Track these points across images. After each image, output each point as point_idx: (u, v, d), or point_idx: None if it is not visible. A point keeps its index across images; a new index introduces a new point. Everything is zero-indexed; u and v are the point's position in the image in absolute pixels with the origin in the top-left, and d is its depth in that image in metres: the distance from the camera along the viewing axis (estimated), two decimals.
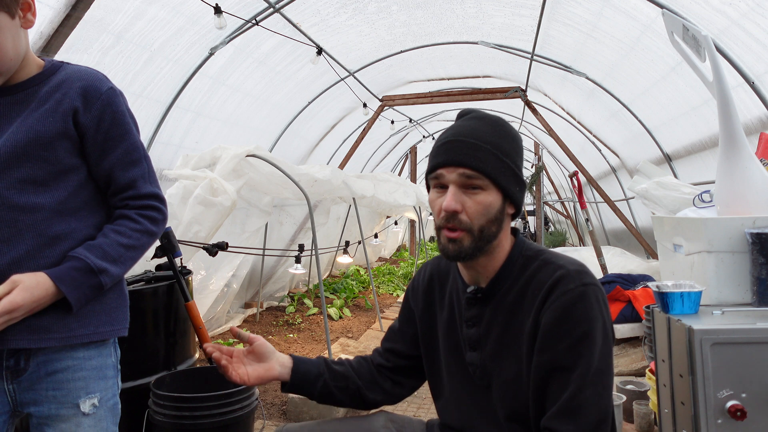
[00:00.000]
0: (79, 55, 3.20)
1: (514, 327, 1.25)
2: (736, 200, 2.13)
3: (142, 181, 1.32)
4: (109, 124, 1.28)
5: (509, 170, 1.23)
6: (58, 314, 1.23)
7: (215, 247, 3.32)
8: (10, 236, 1.20)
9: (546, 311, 1.18)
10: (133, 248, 1.29)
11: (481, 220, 1.22)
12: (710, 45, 2.09)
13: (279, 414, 3.38)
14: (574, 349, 1.15)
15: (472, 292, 1.31)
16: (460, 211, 1.21)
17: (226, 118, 5.09)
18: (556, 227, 16.31)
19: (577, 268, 1.21)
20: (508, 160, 1.23)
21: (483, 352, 1.30)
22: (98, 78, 1.29)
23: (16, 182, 1.21)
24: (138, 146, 1.33)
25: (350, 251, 6.86)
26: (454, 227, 1.22)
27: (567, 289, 1.17)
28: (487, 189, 1.22)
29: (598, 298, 1.18)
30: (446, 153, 1.24)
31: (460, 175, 1.21)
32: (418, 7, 5.00)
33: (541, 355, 1.18)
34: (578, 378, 1.13)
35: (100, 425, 1.30)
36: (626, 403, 2.84)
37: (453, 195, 1.21)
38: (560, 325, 1.16)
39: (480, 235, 1.22)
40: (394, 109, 8.04)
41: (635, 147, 6.04)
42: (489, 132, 1.24)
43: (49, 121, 1.22)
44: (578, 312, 1.16)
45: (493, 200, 1.22)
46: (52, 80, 1.27)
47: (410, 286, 1.53)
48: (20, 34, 1.22)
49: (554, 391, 1.15)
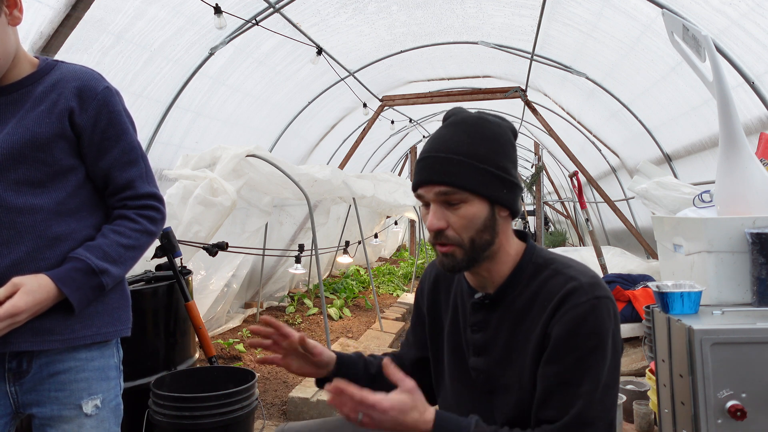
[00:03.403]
0: (79, 55, 3.20)
1: (520, 335, 1.24)
2: (736, 200, 2.13)
3: (140, 180, 1.32)
4: (105, 123, 1.27)
5: (488, 176, 1.19)
6: (60, 316, 1.22)
7: (215, 247, 3.32)
8: (10, 238, 1.19)
9: (556, 323, 1.16)
10: (133, 248, 1.29)
11: (469, 232, 1.20)
12: (710, 45, 2.09)
13: (279, 414, 3.38)
14: (584, 363, 1.13)
15: (479, 299, 1.30)
16: (445, 227, 1.20)
17: (226, 118, 5.09)
18: (556, 227, 16.31)
19: (590, 281, 1.18)
20: (486, 165, 1.19)
21: (488, 358, 1.29)
22: (94, 77, 1.28)
23: (13, 184, 1.20)
24: (135, 146, 1.32)
25: (350, 251, 6.85)
26: (444, 243, 1.21)
27: (579, 302, 1.15)
28: (468, 201, 1.19)
29: (610, 312, 1.17)
30: (422, 171, 1.22)
31: (437, 194, 1.19)
32: (418, 7, 5.00)
33: (548, 366, 1.16)
34: (586, 394, 1.12)
35: (102, 426, 1.29)
36: (626, 403, 2.84)
37: (434, 213, 1.20)
38: (570, 338, 1.14)
39: (471, 246, 1.21)
40: (394, 109, 8.04)
41: (635, 147, 6.04)
42: (462, 141, 1.20)
43: (45, 123, 1.21)
44: (589, 326, 1.14)
45: (476, 211, 1.19)
46: (46, 80, 1.25)
47: (418, 288, 1.53)
48: (8, 32, 1.19)
49: (561, 405, 1.14)
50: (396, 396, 1.12)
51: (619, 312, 4.31)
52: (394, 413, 1.10)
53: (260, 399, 3.18)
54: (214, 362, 2.94)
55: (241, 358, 4.29)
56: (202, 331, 2.92)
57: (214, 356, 2.96)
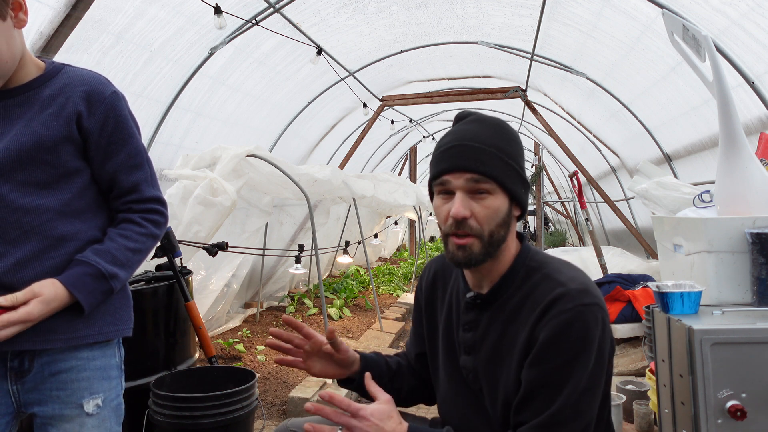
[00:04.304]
0: (79, 55, 3.20)
1: (508, 336, 1.25)
2: (736, 200, 2.13)
3: (145, 184, 1.34)
4: (112, 128, 1.28)
5: (514, 172, 1.22)
6: (64, 317, 1.23)
7: (215, 247, 3.32)
8: (16, 238, 1.21)
9: (543, 328, 1.17)
10: (139, 252, 1.31)
11: (491, 224, 1.21)
12: (710, 45, 2.09)
13: (279, 414, 3.38)
14: (564, 369, 1.14)
15: (471, 298, 1.31)
16: (470, 216, 1.19)
17: (226, 118, 5.09)
18: (556, 227, 16.32)
19: (579, 287, 1.18)
20: (512, 162, 1.22)
21: (477, 357, 1.30)
22: (101, 82, 1.30)
23: (20, 185, 1.21)
24: (141, 150, 1.34)
25: (350, 251, 6.86)
26: (465, 233, 1.20)
27: (565, 308, 1.15)
28: (494, 193, 1.20)
29: (597, 319, 1.16)
30: (451, 158, 1.21)
31: (467, 181, 1.19)
32: (418, 7, 5.00)
33: (530, 369, 1.17)
34: (563, 398, 1.13)
35: (103, 425, 1.30)
36: (626, 403, 2.84)
37: (461, 201, 1.19)
38: (555, 343, 1.15)
39: (490, 240, 1.21)
40: (394, 109, 8.04)
41: (635, 147, 6.04)
42: (491, 135, 1.23)
43: (53, 125, 1.23)
44: (574, 332, 1.14)
45: (500, 204, 1.21)
46: (53, 83, 1.26)
47: (417, 285, 1.55)
48: (14, 36, 1.20)
49: (537, 406, 1.15)
50: (376, 405, 1.19)
51: (620, 312, 4.30)
52: (375, 419, 1.16)
53: (260, 399, 3.18)
54: (214, 362, 2.95)
55: (241, 358, 4.29)
56: (202, 331, 2.92)
57: (214, 356, 2.96)
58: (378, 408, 1.18)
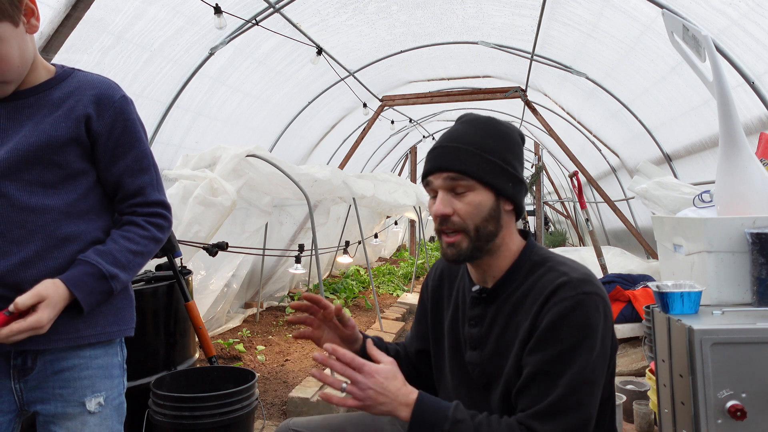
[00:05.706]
0: (79, 55, 3.20)
1: (512, 328, 1.26)
2: (736, 200, 2.13)
3: (150, 188, 1.36)
4: (120, 131, 1.30)
5: (496, 167, 1.24)
6: (66, 316, 1.24)
7: (215, 247, 3.32)
8: (21, 237, 1.22)
9: (544, 316, 1.18)
10: (140, 254, 1.32)
11: (475, 219, 1.23)
12: (710, 45, 2.09)
13: (279, 414, 3.38)
14: (566, 355, 1.14)
15: (476, 292, 1.32)
16: (450, 214, 1.24)
17: (226, 118, 5.09)
18: (556, 227, 16.32)
19: (580, 276, 1.20)
20: (494, 157, 1.24)
21: (482, 352, 1.31)
22: (111, 86, 1.32)
23: (27, 184, 1.23)
24: (147, 154, 1.36)
25: (350, 251, 6.85)
26: (449, 229, 1.25)
27: (566, 296, 1.17)
28: (474, 189, 1.24)
29: (599, 307, 1.17)
30: (433, 160, 1.28)
31: (445, 180, 1.25)
32: (418, 7, 5.00)
33: (531, 356, 1.18)
34: (563, 386, 1.13)
35: (105, 424, 1.31)
36: (626, 403, 2.84)
37: (441, 200, 1.25)
38: (555, 330, 1.16)
39: (477, 234, 1.24)
40: (394, 109, 8.04)
41: (635, 147, 6.04)
42: (474, 133, 1.26)
43: (62, 126, 1.24)
44: (574, 320, 1.15)
45: (482, 199, 1.24)
46: (63, 86, 1.28)
47: (423, 283, 1.57)
48: (26, 41, 1.22)
49: (536, 393, 1.15)
50: (381, 365, 1.17)
51: (620, 312, 4.29)
52: (379, 377, 1.14)
53: (260, 399, 3.18)
54: (214, 362, 2.95)
55: (241, 358, 4.29)
56: (202, 331, 2.92)
57: (214, 356, 2.96)
58: (384, 367, 1.17)
